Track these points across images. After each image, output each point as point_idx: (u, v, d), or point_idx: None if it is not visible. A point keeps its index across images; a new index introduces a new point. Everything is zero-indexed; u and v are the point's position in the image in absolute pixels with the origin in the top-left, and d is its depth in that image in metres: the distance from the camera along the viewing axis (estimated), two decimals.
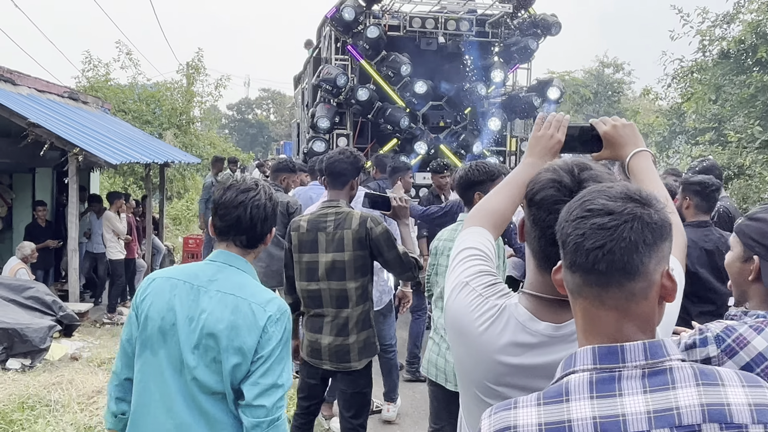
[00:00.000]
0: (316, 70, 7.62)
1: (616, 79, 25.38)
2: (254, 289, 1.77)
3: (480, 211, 1.34)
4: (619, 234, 0.85)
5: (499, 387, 1.07)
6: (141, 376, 1.76)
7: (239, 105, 58.16)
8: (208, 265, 1.79)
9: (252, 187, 1.80)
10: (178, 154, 11.36)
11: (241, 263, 1.79)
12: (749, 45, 10.07)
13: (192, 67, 16.95)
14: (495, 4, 7.00)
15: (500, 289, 1.15)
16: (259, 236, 1.80)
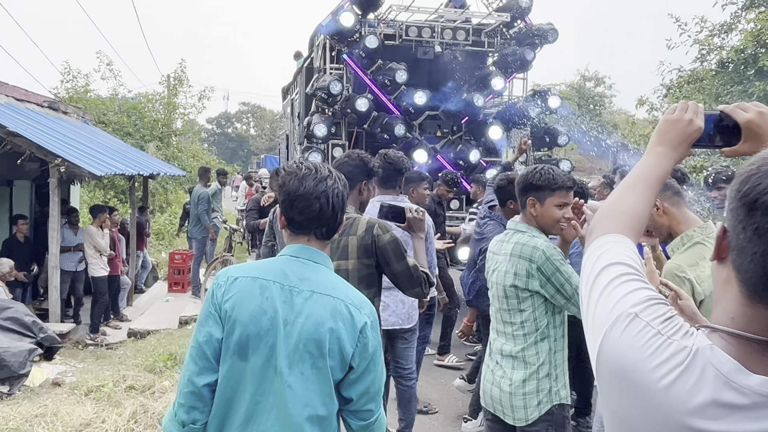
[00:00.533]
0: (308, 80, 7.36)
1: (597, 92, 25.77)
2: (346, 288, 1.67)
3: (614, 215, 1.05)
4: None
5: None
6: (227, 383, 1.59)
7: (219, 119, 58.03)
8: (292, 262, 1.65)
9: (328, 175, 1.68)
10: (162, 166, 11.03)
11: (325, 259, 1.69)
12: (749, 54, 9.95)
13: (175, 78, 16.66)
14: (492, 14, 6.86)
15: (680, 325, 0.86)
16: (337, 226, 1.71)
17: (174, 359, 5.21)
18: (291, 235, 1.70)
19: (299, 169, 1.69)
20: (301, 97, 7.76)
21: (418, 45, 6.85)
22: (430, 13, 6.87)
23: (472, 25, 7.03)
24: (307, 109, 7.39)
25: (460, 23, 6.93)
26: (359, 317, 1.60)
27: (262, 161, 29.42)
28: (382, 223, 2.56)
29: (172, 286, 9.41)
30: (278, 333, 1.56)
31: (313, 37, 7.35)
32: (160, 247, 13.64)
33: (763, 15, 9.74)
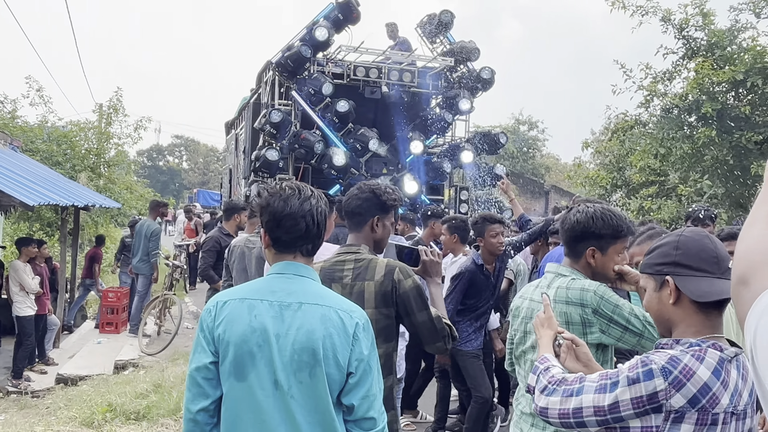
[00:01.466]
0: (255, 115, 7.31)
1: (530, 136, 27.25)
2: (334, 296, 1.72)
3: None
4: None
5: None
6: (229, 404, 1.63)
7: (150, 151, 56.36)
8: (278, 278, 1.69)
9: (311, 194, 1.73)
10: (97, 197, 10.52)
11: (311, 272, 1.73)
12: (692, 101, 10.50)
13: (110, 106, 15.98)
14: (436, 58, 7.15)
15: None
16: (320, 243, 1.77)
17: (114, 411, 4.82)
18: (276, 254, 1.73)
19: (283, 189, 1.72)
20: (247, 131, 7.67)
21: (365, 84, 7.02)
22: (378, 54, 7.07)
23: (417, 68, 7.31)
24: (253, 143, 7.33)
25: (406, 65, 7.18)
26: (350, 321, 1.63)
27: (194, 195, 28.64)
28: (402, 267, 2.27)
29: (105, 326, 8.74)
30: (272, 348, 1.59)
31: (262, 72, 7.33)
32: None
33: (706, 63, 10.37)
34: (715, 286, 1.44)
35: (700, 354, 1.40)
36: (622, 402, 1.44)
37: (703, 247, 1.49)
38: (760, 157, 10.65)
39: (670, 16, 11.79)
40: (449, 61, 7.22)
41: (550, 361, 1.70)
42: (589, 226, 2.14)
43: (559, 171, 32.89)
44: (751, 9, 11.51)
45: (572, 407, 1.51)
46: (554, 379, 1.61)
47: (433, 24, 7.40)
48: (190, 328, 8.89)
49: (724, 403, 1.40)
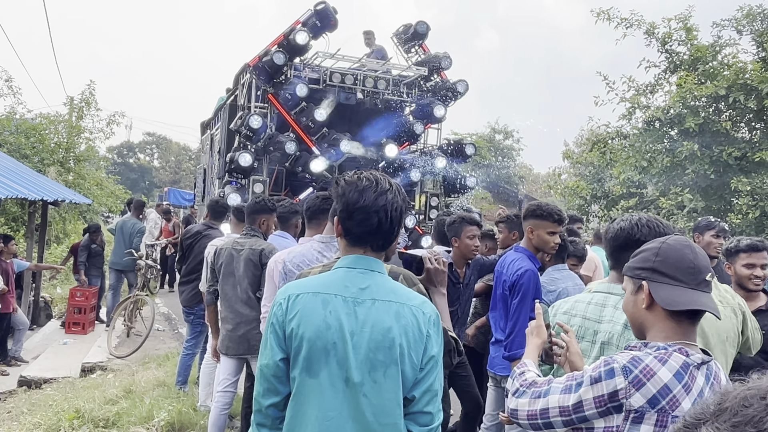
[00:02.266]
0: (232, 117, 7.81)
1: (506, 145, 28.36)
2: (406, 291, 1.75)
3: None
4: None
5: None
6: (298, 400, 1.67)
7: (120, 148, 56.92)
8: (350, 273, 1.72)
9: (388, 188, 1.74)
10: (68, 193, 10.71)
11: (380, 266, 1.76)
12: (675, 114, 11.09)
13: (82, 100, 16.30)
14: (411, 67, 7.74)
15: None
16: (394, 239, 1.78)
17: (82, 417, 4.71)
18: (347, 246, 1.77)
19: (360, 180, 1.74)
20: (223, 132, 8.17)
21: (341, 90, 7.55)
22: (354, 61, 7.62)
23: (392, 76, 7.88)
24: (229, 144, 7.81)
25: (381, 73, 7.74)
26: (423, 318, 1.68)
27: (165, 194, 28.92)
28: (407, 275, 2.19)
29: (71, 326, 8.75)
30: (346, 345, 1.62)
31: (239, 75, 7.85)
32: (55, 282, 12.89)
33: (690, 77, 10.93)
34: (685, 296, 1.53)
35: (664, 356, 1.48)
36: (585, 401, 1.54)
37: (682, 257, 1.57)
38: (740, 172, 11.30)
39: (654, 29, 12.51)
40: (423, 70, 7.82)
41: (527, 367, 1.81)
42: (633, 233, 2.12)
43: (532, 181, 34.77)
44: (734, 26, 12.25)
45: (539, 408, 1.62)
46: (526, 382, 1.72)
47: (409, 34, 8.00)
48: (161, 330, 9.04)
49: (685, 407, 1.45)
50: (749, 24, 12.10)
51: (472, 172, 20.86)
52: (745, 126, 12.35)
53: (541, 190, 31.74)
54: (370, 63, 7.62)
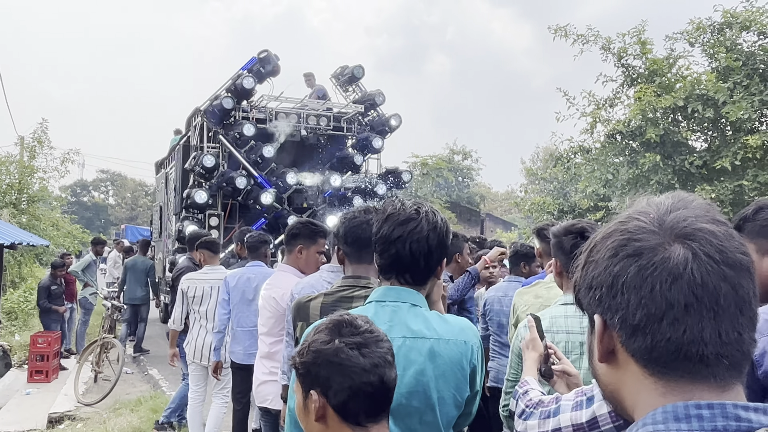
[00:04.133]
0: (186, 157, 9.56)
1: (465, 165, 30.98)
2: (441, 323, 1.74)
3: None
4: None
5: None
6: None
7: (74, 187, 59.20)
8: (378, 307, 1.75)
9: (412, 217, 1.77)
10: (23, 235, 11.65)
11: (413, 297, 1.77)
12: (636, 126, 12.37)
13: (34, 139, 17.66)
14: (349, 105, 9.61)
15: None
16: (425, 271, 1.79)
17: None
18: (381, 277, 1.83)
19: (385, 208, 1.82)
20: (178, 171, 9.88)
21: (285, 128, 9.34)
22: (296, 102, 9.45)
23: (333, 113, 9.68)
24: (184, 182, 9.51)
25: (322, 111, 9.57)
26: (465, 350, 1.69)
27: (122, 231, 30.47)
28: None
29: (33, 375, 8.99)
30: None
31: (191, 117, 9.63)
32: (13, 328, 13.66)
33: (648, 90, 12.25)
34: None
35: None
36: (600, 417, 1.59)
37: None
38: (703, 180, 12.91)
39: (610, 44, 14.34)
40: (360, 107, 9.66)
41: (529, 385, 1.84)
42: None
43: (492, 199, 37.58)
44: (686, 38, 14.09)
45: (551, 429, 1.66)
46: (531, 402, 1.75)
47: (346, 75, 9.88)
48: (130, 373, 9.47)
49: None
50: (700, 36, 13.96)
51: (434, 193, 23.00)
52: (703, 135, 14.11)
53: (502, 208, 34.32)
54: (311, 103, 9.46)
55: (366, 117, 9.90)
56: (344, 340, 1.38)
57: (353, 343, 1.38)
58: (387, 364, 1.39)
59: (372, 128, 9.78)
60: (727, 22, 13.52)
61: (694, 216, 0.83)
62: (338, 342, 1.37)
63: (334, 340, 1.38)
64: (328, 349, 1.37)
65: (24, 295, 15.80)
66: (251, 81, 8.81)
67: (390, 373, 1.40)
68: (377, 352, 1.38)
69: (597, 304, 0.87)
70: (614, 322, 0.84)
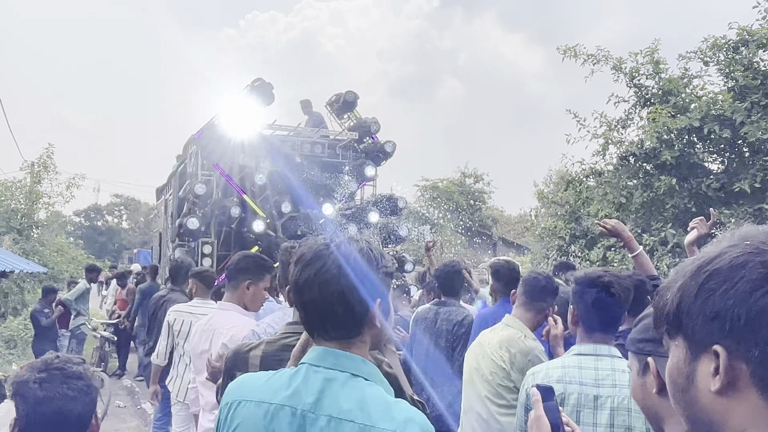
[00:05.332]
0: (182, 184, 9.95)
1: (476, 188, 31.22)
2: (380, 404, 1.48)
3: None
4: None
5: None
6: None
7: (88, 211, 61.95)
8: (311, 373, 1.53)
9: (321, 254, 1.54)
10: (18, 262, 12.03)
11: (352, 363, 1.53)
12: (650, 148, 12.31)
13: (40, 164, 18.29)
14: (344, 132, 9.98)
15: None
16: (348, 321, 1.53)
17: None
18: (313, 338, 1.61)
19: (299, 249, 1.62)
20: (175, 198, 10.31)
21: (280, 155, 9.67)
22: (291, 130, 9.84)
23: (328, 140, 10.02)
24: (179, 209, 9.87)
25: (317, 138, 9.93)
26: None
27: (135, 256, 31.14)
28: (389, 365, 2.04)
29: None
30: None
31: (188, 145, 10.05)
32: (11, 356, 13.65)
33: (663, 110, 12.35)
34: None
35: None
36: None
37: None
38: (721, 204, 12.93)
39: (622, 64, 14.53)
40: (354, 134, 10.01)
41: None
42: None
43: (504, 223, 37.92)
44: (700, 57, 14.24)
45: None
46: None
47: (340, 103, 10.28)
48: (122, 407, 9.53)
49: None
50: (715, 55, 14.09)
51: (445, 217, 23.26)
52: (719, 156, 14.15)
53: (515, 231, 34.56)
54: (305, 130, 9.84)
55: (361, 144, 10.27)
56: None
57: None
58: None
59: (367, 155, 10.13)
60: (743, 39, 13.58)
61: None
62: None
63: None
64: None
65: (24, 322, 15.96)
66: None
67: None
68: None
69: (724, 335, 0.89)
70: (749, 354, 0.87)
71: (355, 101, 10.23)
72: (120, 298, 12.05)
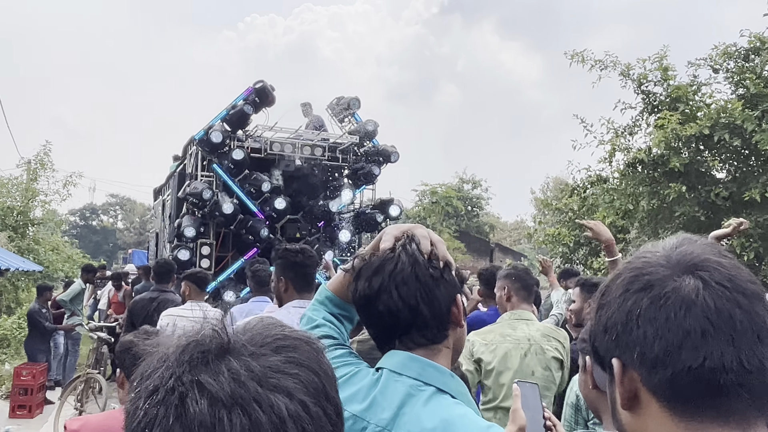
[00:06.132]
0: (181, 185, 10.22)
1: (474, 194, 31.65)
2: (465, 422, 1.32)
3: None
4: None
5: None
6: None
7: (83, 210, 63.06)
8: (390, 380, 1.40)
9: (388, 257, 1.43)
10: (14, 260, 12.06)
11: (440, 377, 1.40)
12: (658, 155, 12.47)
13: (37, 161, 18.33)
14: (344, 135, 10.23)
15: None
16: (437, 322, 1.43)
17: None
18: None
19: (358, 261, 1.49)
20: (173, 199, 10.55)
21: (280, 158, 9.92)
22: (291, 132, 10.08)
23: (328, 143, 10.19)
24: (178, 210, 10.08)
25: (318, 141, 10.16)
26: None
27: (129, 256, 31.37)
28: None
29: (15, 410, 8.97)
30: None
31: (187, 146, 10.30)
32: (3, 356, 13.78)
33: (673, 117, 12.44)
34: None
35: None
36: None
37: None
38: (730, 213, 13.00)
39: (630, 70, 14.69)
40: (355, 138, 10.24)
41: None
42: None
43: (501, 229, 38.81)
44: (710, 64, 14.39)
45: None
46: None
47: (341, 106, 10.54)
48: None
49: None
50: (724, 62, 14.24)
51: (442, 222, 23.70)
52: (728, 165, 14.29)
53: (511, 238, 35.20)
54: (306, 133, 10.09)
55: (362, 148, 10.53)
56: None
57: None
58: None
59: (367, 159, 10.40)
60: (755, 47, 13.67)
61: (700, 250, 0.91)
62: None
63: None
64: None
65: (18, 321, 15.89)
66: (247, 110, 9.46)
67: None
68: None
69: (615, 345, 0.90)
70: (633, 359, 0.87)
71: (356, 105, 10.50)
72: (115, 301, 11.68)
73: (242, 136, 9.88)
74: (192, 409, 0.72)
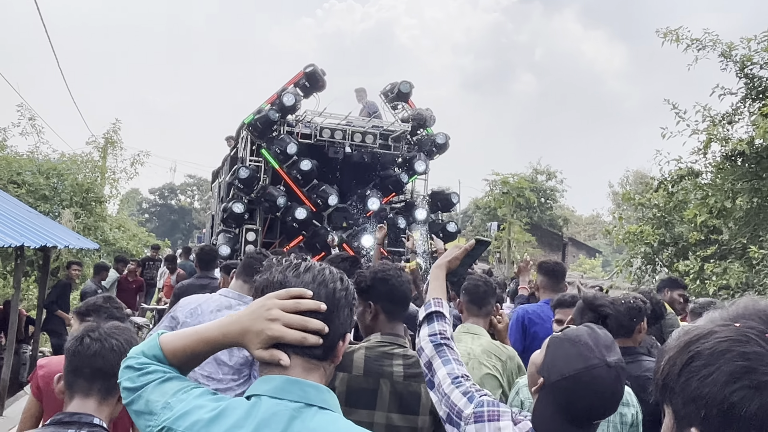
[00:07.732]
0: (232, 168, 10.82)
1: (548, 186, 31.06)
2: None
3: None
4: None
5: None
6: None
7: (162, 189, 68.56)
8: (274, 406, 1.42)
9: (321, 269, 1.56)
10: (67, 237, 11.72)
11: (319, 395, 1.45)
12: (763, 148, 11.81)
13: (106, 139, 19.58)
14: (396, 122, 10.51)
15: None
16: (332, 338, 1.49)
17: None
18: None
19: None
20: (224, 182, 11.19)
21: (329, 145, 10.27)
22: (342, 118, 10.46)
23: (380, 130, 10.40)
24: (228, 194, 10.67)
25: (369, 128, 10.44)
26: None
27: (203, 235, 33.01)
28: None
29: None
30: None
31: (239, 130, 10.89)
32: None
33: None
34: None
35: (523, 420, 1.90)
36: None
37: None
38: None
39: (731, 51, 14.01)
40: (407, 126, 10.40)
41: (442, 306, 2.26)
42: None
43: (575, 223, 38.36)
44: None
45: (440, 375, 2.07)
46: (445, 337, 2.19)
47: (394, 93, 10.80)
48: None
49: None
50: None
51: (513, 214, 23.57)
52: None
53: (585, 232, 34.36)
54: (357, 120, 10.43)
55: (415, 136, 10.78)
56: None
57: None
58: None
59: (420, 147, 10.63)
60: None
61: None
62: None
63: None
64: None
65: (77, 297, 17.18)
66: (295, 97, 9.83)
67: None
68: None
69: (699, 420, 0.97)
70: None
71: (409, 92, 10.72)
72: (168, 284, 11.96)
73: (292, 122, 10.33)
74: None
